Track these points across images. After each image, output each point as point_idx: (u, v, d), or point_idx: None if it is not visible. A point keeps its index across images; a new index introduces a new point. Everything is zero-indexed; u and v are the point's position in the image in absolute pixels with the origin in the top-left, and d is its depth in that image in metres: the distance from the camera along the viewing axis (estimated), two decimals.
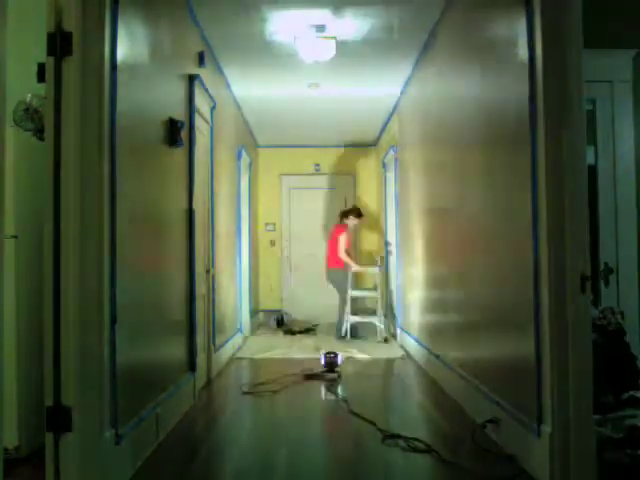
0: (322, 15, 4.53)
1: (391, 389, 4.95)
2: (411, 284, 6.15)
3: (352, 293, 7.45)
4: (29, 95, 3.16)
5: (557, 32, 2.52)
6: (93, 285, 2.43)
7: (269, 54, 5.34)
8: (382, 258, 8.09)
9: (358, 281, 8.82)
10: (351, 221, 7.76)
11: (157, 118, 3.42)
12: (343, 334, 7.26)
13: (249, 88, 6.42)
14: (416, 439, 3.12)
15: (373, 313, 7.58)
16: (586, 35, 2.51)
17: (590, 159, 3.77)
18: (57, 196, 2.40)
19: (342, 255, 7.49)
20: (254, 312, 8.42)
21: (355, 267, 7.58)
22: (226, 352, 5.77)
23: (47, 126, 2.42)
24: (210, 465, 2.92)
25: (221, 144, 5.75)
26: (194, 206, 4.23)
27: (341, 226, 7.73)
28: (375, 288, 7.63)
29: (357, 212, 7.78)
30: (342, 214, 7.83)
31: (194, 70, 4.43)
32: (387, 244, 8.01)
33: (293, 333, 7.92)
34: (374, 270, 7.71)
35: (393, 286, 7.60)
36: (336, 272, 7.54)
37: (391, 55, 5.38)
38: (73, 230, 2.40)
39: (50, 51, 2.41)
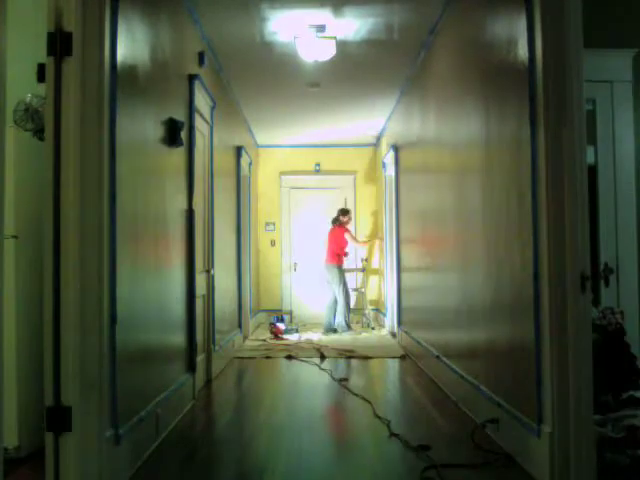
0: (322, 15, 4.53)
1: (389, 385, 4.95)
2: (410, 284, 6.16)
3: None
4: (29, 95, 3.16)
5: (557, 32, 2.52)
6: (93, 285, 2.43)
7: (269, 54, 5.34)
8: (365, 261, 9.17)
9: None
10: (344, 220, 8.52)
11: (157, 118, 3.42)
12: (344, 327, 8.10)
13: (249, 88, 6.41)
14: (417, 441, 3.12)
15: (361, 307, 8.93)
16: (586, 35, 2.51)
17: (590, 159, 3.77)
18: (57, 196, 2.40)
19: (359, 243, 8.81)
20: (254, 312, 8.43)
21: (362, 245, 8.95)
22: (226, 352, 5.77)
23: (47, 126, 2.42)
24: (210, 465, 2.92)
25: (221, 144, 5.75)
26: (194, 206, 4.23)
27: (340, 227, 8.47)
28: (362, 287, 8.95)
29: (343, 211, 8.58)
30: (335, 219, 8.58)
31: (194, 70, 4.43)
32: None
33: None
34: (360, 272, 9.00)
35: (388, 285, 7.83)
36: (332, 268, 8.23)
37: (391, 55, 5.38)
38: (73, 230, 2.40)
39: (50, 51, 2.41)
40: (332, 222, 8.56)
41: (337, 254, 8.26)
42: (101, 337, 2.46)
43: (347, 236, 8.40)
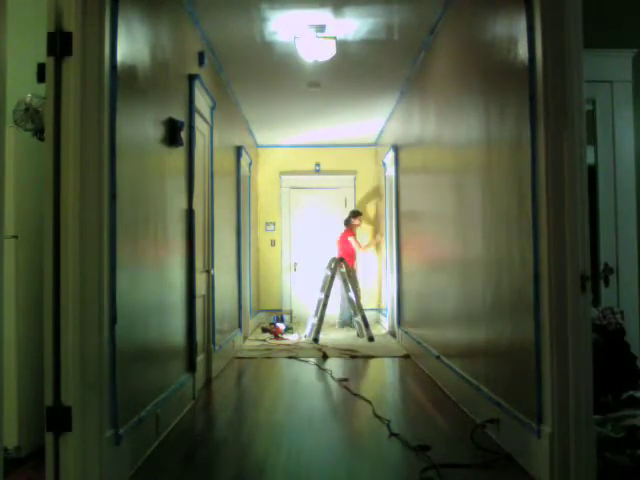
0: (322, 15, 4.53)
1: (389, 385, 4.96)
2: (410, 284, 6.16)
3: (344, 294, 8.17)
4: (29, 95, 3.17)
5: (557, 32, 2.52)
6: (93, 285, 2.43)
7: (269, 54, 5.35)
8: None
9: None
10: (354, 223, 8.53)
11: (157, 118, 3.42)
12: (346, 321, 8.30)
13: (249, 88, 6.42)
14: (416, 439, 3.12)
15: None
16: (586, 35, 2.51)
17: (590, 159, 3.77)
18: (57, 196, 2.40)
19: (362, 249, 8.53)
20: (254, 312, 8.42)
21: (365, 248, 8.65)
22: (226, 352, 5.77)
23: (47, 126, 2.42)
24: (210, 465, 2.92)
25: (221, 144, 5.75)
26: (194, 206, 4.23)
27: (347, 231, 8.51)
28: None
29: (355, 213, 8.61)
30: (346, 220, 8.60)
31: (194, 70, 4.43)
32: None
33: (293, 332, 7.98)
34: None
35: (388, 285, 7.85)
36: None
37: (391, 55, 5.38)
38: (73, 230, 2.40)
39: (50, 51, 2.41)
40: (344, 224, 8.58)
41: (349, 258, 8.21)
42: (101, 337, 2.46)
43: (351, 240, 8.37)
